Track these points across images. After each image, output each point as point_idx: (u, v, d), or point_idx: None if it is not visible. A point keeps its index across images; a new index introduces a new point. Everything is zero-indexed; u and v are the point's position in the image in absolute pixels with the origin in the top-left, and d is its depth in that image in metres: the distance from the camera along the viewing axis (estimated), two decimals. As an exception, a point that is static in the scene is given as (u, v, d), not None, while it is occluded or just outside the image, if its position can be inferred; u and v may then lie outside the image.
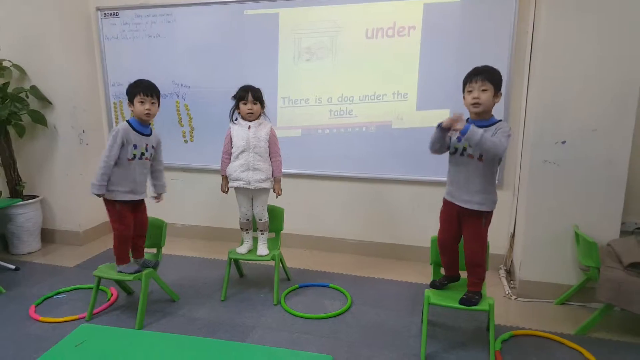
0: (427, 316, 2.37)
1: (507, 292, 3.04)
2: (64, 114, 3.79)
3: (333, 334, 2.58)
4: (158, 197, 2.92)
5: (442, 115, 3.31)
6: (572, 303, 2.87)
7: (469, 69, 3.17)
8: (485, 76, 2.16)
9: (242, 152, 2.88)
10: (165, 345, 1.73)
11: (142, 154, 2.70)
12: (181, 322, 2.72)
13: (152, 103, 2.66)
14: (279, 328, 2.64)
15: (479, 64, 3.13)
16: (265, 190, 2.97)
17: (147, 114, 2.64)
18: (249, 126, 2.89)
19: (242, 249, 3.02)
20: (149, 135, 2.73)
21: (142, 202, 2.82)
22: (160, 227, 2.93)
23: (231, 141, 2.94)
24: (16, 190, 3.77)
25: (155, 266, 2.84)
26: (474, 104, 2.18)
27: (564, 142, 2.76)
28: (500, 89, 2.21)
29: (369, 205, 3.66)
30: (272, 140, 2.93)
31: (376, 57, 3.39)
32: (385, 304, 2.91)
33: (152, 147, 2.77)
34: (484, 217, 2.32)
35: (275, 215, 3.12)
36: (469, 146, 2.23)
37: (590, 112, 2.69)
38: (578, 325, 2.58)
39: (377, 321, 2.71)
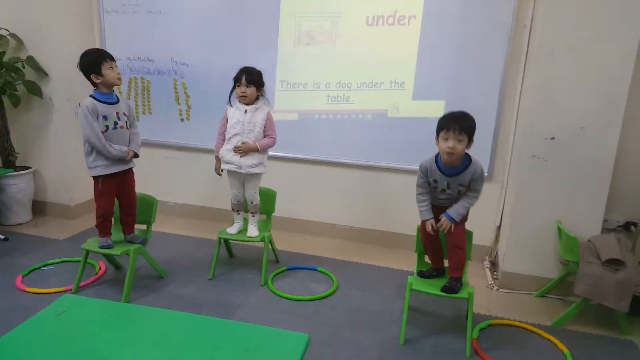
0: (409, 302, 2.43)
1: (489, 283, 3.11)
2: (60, 86, 3.78)
3: (316, 315, 2.64)
4: (129, 154, 2.75)
5: (437, 107, 3.38)
6: (552, 296, 2.95)
7: (467, 61, 3.26)
8: (463, 127, 2.19)
9: (235, 135, 2.88)
10: (145, 317, 1.76)
11: (116, 123, 2.65)
12: (167, 298, 2.76)
13: (117, 67, 2.65)
14: (264, 308, 2.69)
15: (477, 56, 3.23)
16: (257, 175, 2.99)
17: (119, 78, 2.64)
18: (246, 110, 2.87)
19: (232, 230, 3.06)
20: (117, 102, 2.68)
21: (128, 178, 2.82)
22: (150, 204, 2.94)
23: (227, 123, 2.94)
24: (9, 161, 3.77)
25: (143, 242, 2.87)
26: (449, 153, 2.22)
27: (552, 138, 2.80)
28: (472, 139, 2.25)
29: (361, 192, 3.70)
30: (268, 124, 2.92)
31: (375, 44, 3.39)
32: (371, 289, 2.97)
33: (124, 114, 2.71)
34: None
35: (267, 198, 3.15)
36: (447, 188, 2.35)
37: (580, 110, 2.73)
38: (555, 317, 2.66)
39: (361, 305, 2.77)
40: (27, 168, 3.86)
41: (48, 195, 4.02)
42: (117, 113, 2.66)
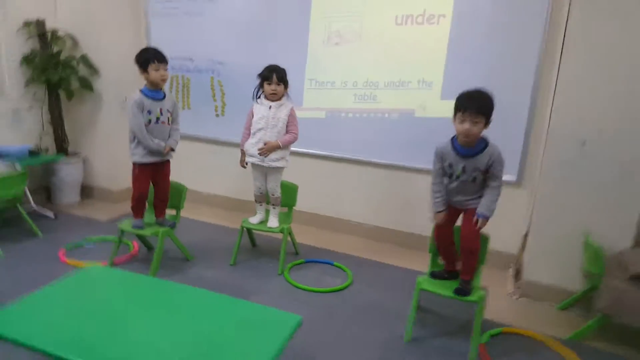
0: (418, 302, 2.43)
1: (510, 291, 3.02)
2: (109, 83, 4.09)
3: (327, 307, 2.69)
4: (166, 147, 2.95)
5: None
6: (575, 309, 2.81)
7: (499, 61, 3.19)
8: (479, 109, 2.13)
9: (260, 129, 2.99)
10: (158, 287, 1.92)
11: (158, 118, 2.87)
12: (190, 279, 2.92)
13: (165, 69, 2.84)
14: (278, 295, 2.78)
15: (509, 56, 3.16)
16: (279, 168, 3.08)
17: (163, 80, 2.83)
18: (270, 106, 2.98)
19: (254, 219, 3.18)
20: (163, 99, 2.89)
21: (163, 168, 3.02)
22: (180, 191, 3.13)
23: (252, 118, 3.05)
24: (62, 148, 4.12)
25: (172, 226, 3.05)
26: (465, 134, 2.18)
27: (583, 144, 2.69)
28: (490, 119, 2.19)
29: (384, 191, 3.70)
30: (291, 120, 3.01)
31: (404, 43, 3.39)
32: (385, 287, 2.97)
33: (168, 110, 2.92)
34: None
35: (289, 192, 3.24)
36: (462, 173, 2.29)
37: (615, 115, 2.60)
38: (574, 331, 2.54)
39: (373, 301, 2.79)
40: (77, 155, 4.19)
41: (94, 180, 4.35)
42: (160, 109, 2.88)
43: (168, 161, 3.06)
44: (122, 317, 1.66)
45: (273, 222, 3.14)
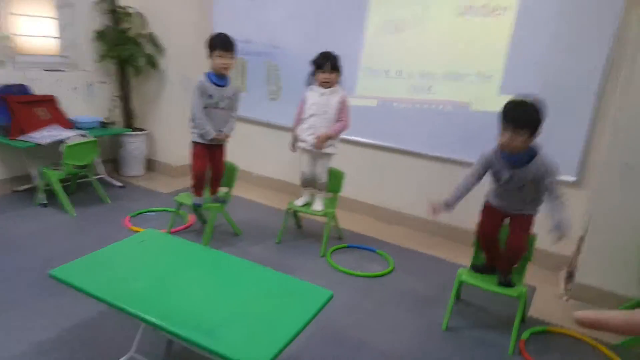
0: (459, 293, 2.43)
1: (560, 293, 2.92)
2: (173, 61, 4.31)
3: (366, 290, 2.75)
4: (220, 135, 3.02)
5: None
6: (628, 316, 2.68)
7: (563, 57, 3.06)
8: (522, 122, 2.03)
9: (311, 116, 3.06)
10: (204, 254, 2.05)
11: (217, 103, 2.95)
12: (237, 252, 3.06)
13: (231, 58, 2.89)
14: (318, 275, 2.86)
15: (575, 53, 3.02)
16: (328, 155, 3.14)
17: (224, 67, 2.87)
18: (322, 93, 3.04)
19: (299, 202, 3.27)
20: (225, 86, 2.97)
21: (219, 150, 3.14)
22: (232, 171, 3.28)
23: (304, 104, 3.12)
24: (129, 122, 4.42)
25: (223, 202, 3.21)
26: (506, 146, 2.10)
27: (650, 145, 2.53)
28: (537, 130, 2.05)
29: (433, 183, 3.67)
30: (342, 107, 3.05)
31: (464, 34, 3.32)
32: (426, 277, 2.98)
33: (229, 97, 3.00)
34: (533, 216, 2.33)
35: (336, 178, 3.29)
36: (509, 180, 2.20)
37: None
38: (625, 338, 2.43)
39: (413, 289, 2.81)
40: (142, 130, 4.48)
41: (157, 154, 4.63)
42: (223, 95, 2.96)
43: (223, 145, 3.17)
44: (172, 276, 1.81)
45: (318, 205, 3.22)
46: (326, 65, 2.98)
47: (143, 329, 1.98)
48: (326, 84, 3.02)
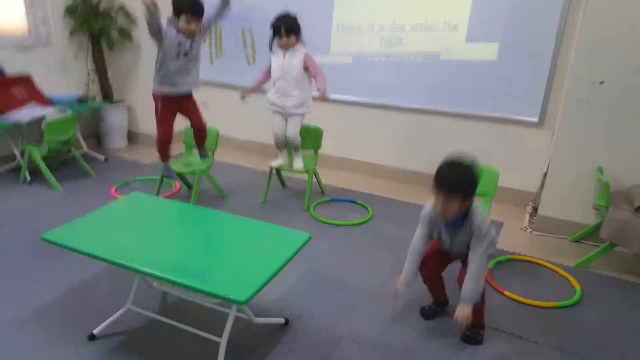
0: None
1: (524, 226, 3.15)
2: (146, 31, 4.28)
3: (347, 237, 2.94)
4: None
5: (491, 49, 3.34)
6: (586, 242, 2.92)
7: (524, 2, 3.15)
8: (452, 190, 1.79)
9: (278, 78, 3.14)
10: (188, 210, 2.21)
11: (187, 53, 2.80)
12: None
13: (198, 23, 2.73)
14: (302, 228, 2.89)
15: None
16: (298, 115, 3.22)
17: (190, 33, 2.74)
18: (284, 54, 3.10)
19: (275, 163, 3.39)
20: (185, 44, 2.78)
21: (187, 100, 3.02)
22: (214, 135, 3.38)
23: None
24: (107, 95, 4.46)
25: (205, 156, 3.28)
26: (439, 210, 1.88)
27: (602, 82, 2.70)
28: (472, 194, 1.82)
29: (409, 134, 3.83)
30: (309, 63, 3.10)
31: (429, -16, 3.41)
32: (403, 222, 3.17)
33: (196, 47, 2.84)
34: None
35: (315, 135, 3.42)
36: (451, 242, 1.98)
37: (634, 53, 2.58)
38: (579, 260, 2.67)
39: (390, 234, 3.01)
40: (121, 102, 4.52)
41: (139, 126, 4.70)
42: (191, 44, 2.79)
43: (191, 96, 3.02)
44: (161, 232, 1.96)
45: (298, 163, 3.35)
46: (282, 29, 3.01)
47: (137, 284, 2.14)
48: (286, 47, 3.07)
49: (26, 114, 3.58)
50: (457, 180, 1.81)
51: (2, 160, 3.87)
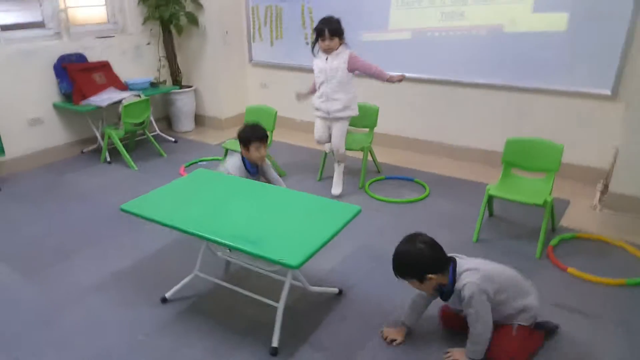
0: (489, 207, 2.60)
1: (594, 204, 2.99)
2: (212, 16, 4.49)
3: (401, 214, 2.96)
4: None
5: (559, 20, 3.16)
6: (663, 222, 2.73)
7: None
8: (401, 276, 1.77)
9: (322, 83, 3.08)
10: (249, 186, 2.32)
11: None
12: (283, 190, 3.35)
13: (265, 147, 2.61)
14: (357, 205, 3.08)
15: None
16: (343, 119, 3.14)
17: (261, 159, 2.61)
18: (327, 58, 3.02)
19: (327, 147, 3.41)
20: (257, 174, 2.70)
21: None
22: (271, 114, 3.52)
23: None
24: (176, 80, 4.73)
25: None
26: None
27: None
28: (423, 274, 1.73)
29: (469, 110, 3.72)
30: (354, 62, 3.00)
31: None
32: (460, 200, 3.13)
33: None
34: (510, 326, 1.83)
35: (370, 113, 3.42)
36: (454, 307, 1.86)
37: None
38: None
39: (446, 211, 2.99)
40: (189, 87, 4.77)
41: (205, 109, 4.94)
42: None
43: None
44: (223, 204, 2.10)
45: (336, 188, 3.23)
46: (326, 32, 2.94)
47: (203, 252, 2.31)
48: (329, 51, 3.00)
49: (106, 98, 3.90)
50: (397, 267, 1.78)
51: (85, 142, 4.25)
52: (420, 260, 1.74)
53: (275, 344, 1.87)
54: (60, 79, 3.92)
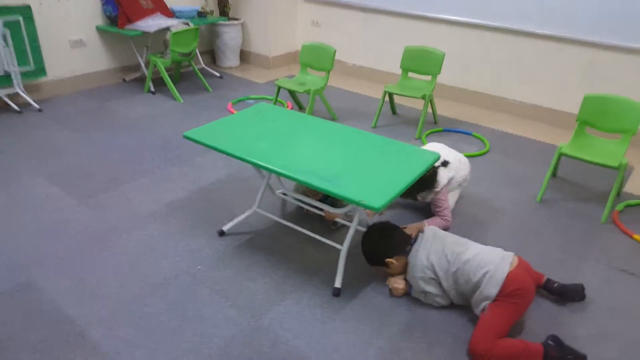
0: (555, 166, 2.47)
1: (664, 174, 2.82)
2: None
3: (462, 168, 2.83)
4: None
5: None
6: None
7: None
8: (372, 264, 1.90)
9: None
10: (317, 123, 2.22)
11: None
12: (335, 133, 3.25)
13: None
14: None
15: None
16: None
17: None
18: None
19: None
20: None
21: None
22: (330, 53, 3.34)
23: None
24: (224, 12, 4.53)
25: None
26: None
27: None
28: (383, 259, 1.82)
29: (536, 65, 3.48)
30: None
31: None
32: (523, 157, 2.98)
33: None
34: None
35: (434, 59, 3.22)
36: None
37: None
38: None
39: (508, 168, 2.85)
40: (237, 20, 4.58)
41: (252, 45, 4.76)
42: None
43: None
44: (290, 139, 2.01)
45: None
46: None
47: (263, 190, 2.25)
48: None
49: (153, 24, 3.76)
50: (366, 259, 1.90)
51: (127, 70, 4.16)
52: (376, 248, 1.86)
53: (338, 284, 1.84)
54: (105, 1, 3.78)
